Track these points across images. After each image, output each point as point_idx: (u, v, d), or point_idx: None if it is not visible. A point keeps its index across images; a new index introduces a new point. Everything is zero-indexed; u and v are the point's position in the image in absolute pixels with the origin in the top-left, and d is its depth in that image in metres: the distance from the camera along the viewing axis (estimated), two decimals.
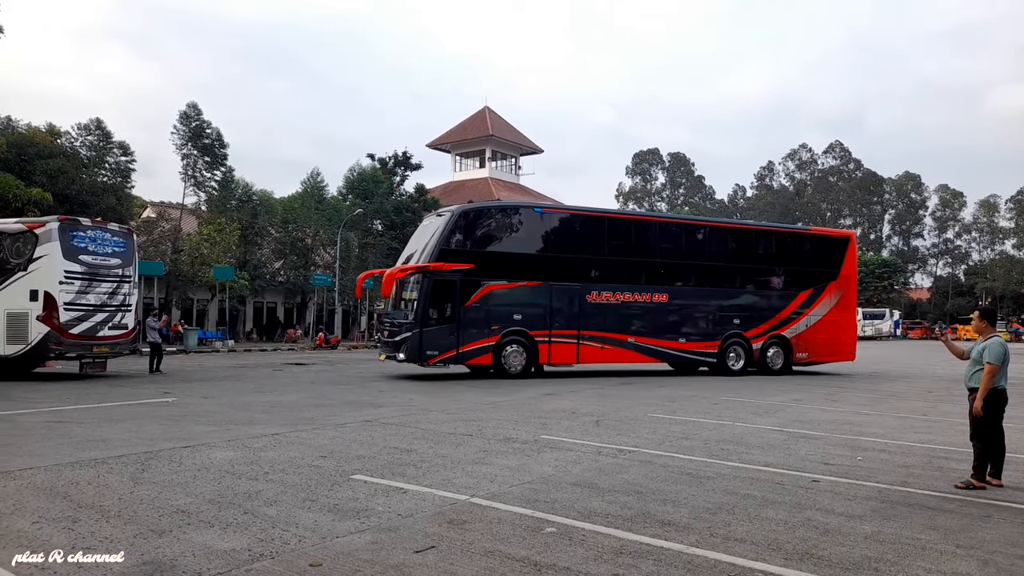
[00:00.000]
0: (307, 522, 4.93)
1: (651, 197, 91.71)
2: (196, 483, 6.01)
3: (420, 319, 15.88)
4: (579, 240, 18.09)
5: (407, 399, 12.57)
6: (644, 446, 8.07)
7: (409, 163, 44.98)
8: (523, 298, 16.95)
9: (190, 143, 34.31)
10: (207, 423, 9.53)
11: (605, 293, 17.64)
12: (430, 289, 15.94)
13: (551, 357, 17.07)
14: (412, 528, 4.83)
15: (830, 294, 20.02)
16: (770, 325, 19.29)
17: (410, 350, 15.92)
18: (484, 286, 16.42)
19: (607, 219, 19.14)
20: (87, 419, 9.88)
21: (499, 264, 16.90)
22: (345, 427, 9.26)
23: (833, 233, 24.13)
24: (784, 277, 19.79)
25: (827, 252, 20.75)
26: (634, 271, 18.29)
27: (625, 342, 17.74)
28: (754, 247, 20.13)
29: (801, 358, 19.64)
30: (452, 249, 16.30)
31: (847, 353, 20.45)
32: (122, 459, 6.98)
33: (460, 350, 16.16)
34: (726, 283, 19.29)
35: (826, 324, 19.81)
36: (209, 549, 4.34)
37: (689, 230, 20.30)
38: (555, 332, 17.01)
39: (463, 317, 16.18)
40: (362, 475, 6.37)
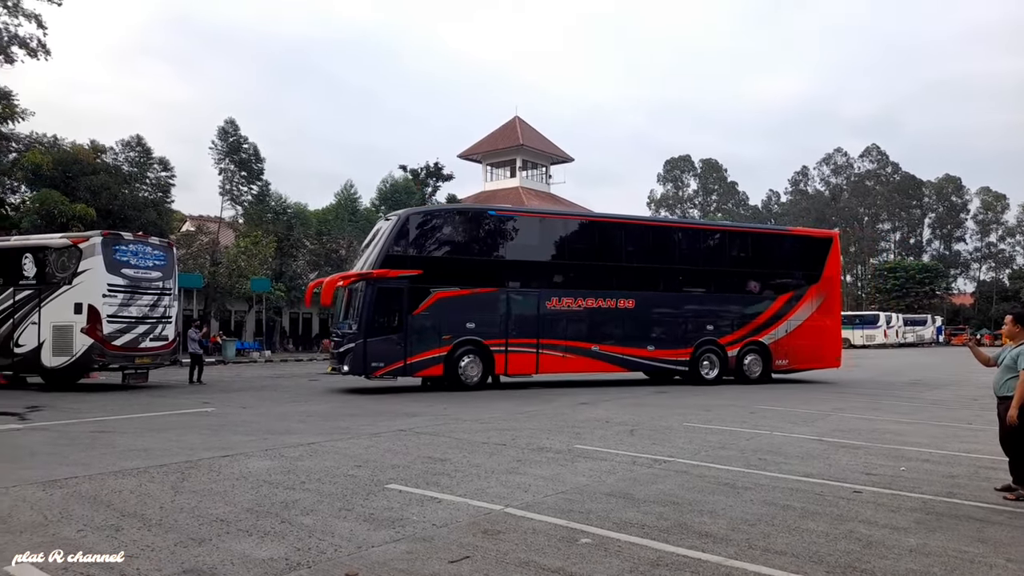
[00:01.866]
0: (343, 531, 4.97)
1: (683, 204, 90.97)
2: (234, 492, 6.10)
3: (364, 329, 15.12)
4: (537, 244, 17.28)
5: (440, 408, 12.60)
6: (679, 456, 7.98)
7: (441, 174, 45.33)
8: (477, 306, 16.06)
9: (227, 158, 35.05)
10: (245, 433, 9.68)
11: (566, 299, 16.84)
12: (374, 297, 15.18)
13: (508, 367, 16.26)
14: (447, 538, 4.84)
15: (812, 297, 19.15)
16: (747, 331, 18.41)
17: (354, 362, 15.15)
18: (434, 293, 15.58)
19: (567, 221, 18.48)
20: (130, 429, 10.10)
21: (450, 270, 16.03)
22: (379, 436, 9.32)
23: (814, 233, 22.83)
24: (761, 280, 18.91)
25: (808, 253, 19.83)
26: (597, 276, 17.42)
27: (588, 350, 16.89)
28: (728, 249, 19.31)
29: (781, 365, 18.79)
30: (398, 255, 15.49)
31: (831, 359, 19.57)
32: (163, 468, 7.11)
33: (408, 361, 15.34)
34: (698, 287, 18.42)
35: (808, 329, 18.93)
36: (247, 558, 4.39)
37: (657, 232, 19.54)
38: (512, 341, 16.19)
39: (411, 326, 15.38)
40: (397, 484, 6.40)
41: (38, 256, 16.22)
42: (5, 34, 41.33)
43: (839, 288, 20.82)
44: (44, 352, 15.80)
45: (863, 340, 52.06)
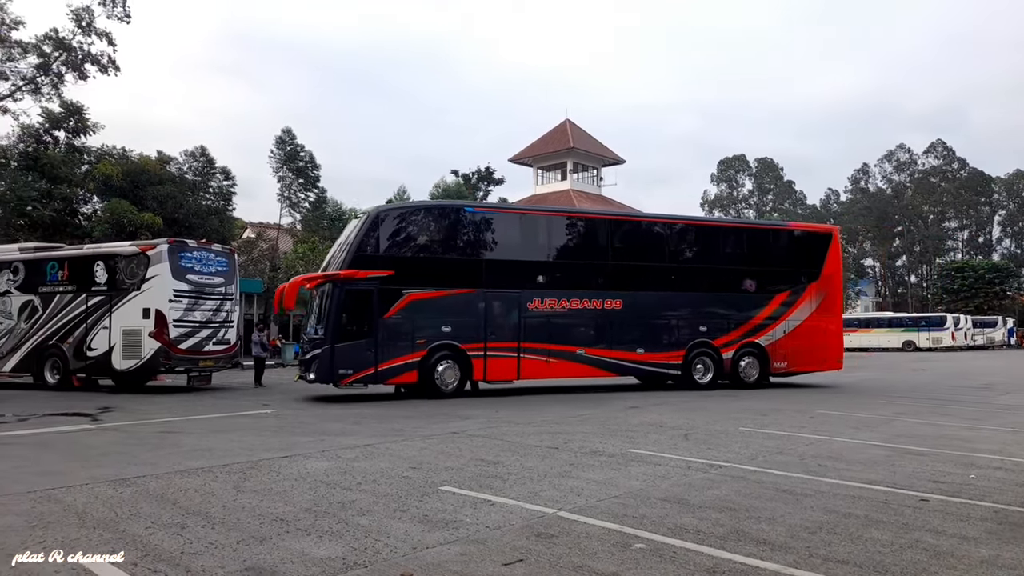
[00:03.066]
0: (398, 532, 5.04)
1: (737, 204, 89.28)
2: (293, 492, 6.25)
3: (331, 334, 14.20)
4: (519, 242, 16.43)
5: (492, 411, 12.66)
6: (736, 461, 7.83)
7: (492, 178, 45.62)
8: (453, 308, 15.14)
9: (285, 166, 36.01)
10: (302, 434, 9.91)
11: (549, 300, 15.88)
12: (342, 300, 14.28)
13: (487, 373, 15.29)
14: (500, 540, 4.86)
15: (811, 296, 18.17)
16: (742, 332, 17.47)
17: (320, 369, 14.27)
18: (406, 295, 14.64)
19: (550, 218, 17.53)
20: (194, 430, 10.46)
21: (424, 270, 15.11)
22: (433, 439, 9.42)
23: (813, 228, 21.53)
24: (757, 278, 17.86)
25: (807, 250, 18.82)
26: (583, 275, 16.53)
27: (574, 354, 15.97)
28: (721, 246, 18.30)
29: (779, 368, 17.86)
30: (368, 255, 14.61)
31: (832, 361, 18.61)
32: (226, 468, 7.34)
33: (379, 368, 14.38)
34: (690, 286, 17.38)
35: (807, 329, 17.98)
36: (306, 556, 4.50)
37: (645, 228, 18.39)
38: (491, 345, 15.23)
39: (382, 331, 14.45)
40: (450, 487, 6.46)
41: (109, 263, 16.96)
42: (79, 52, 43.35)
43: (840, 286, 19.79)
44: (115, 355, 16.50)
45: (929, 343, 50.13)
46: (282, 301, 15.49)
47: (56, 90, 42.80)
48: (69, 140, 30.96)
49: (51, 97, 41.67)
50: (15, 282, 18.20)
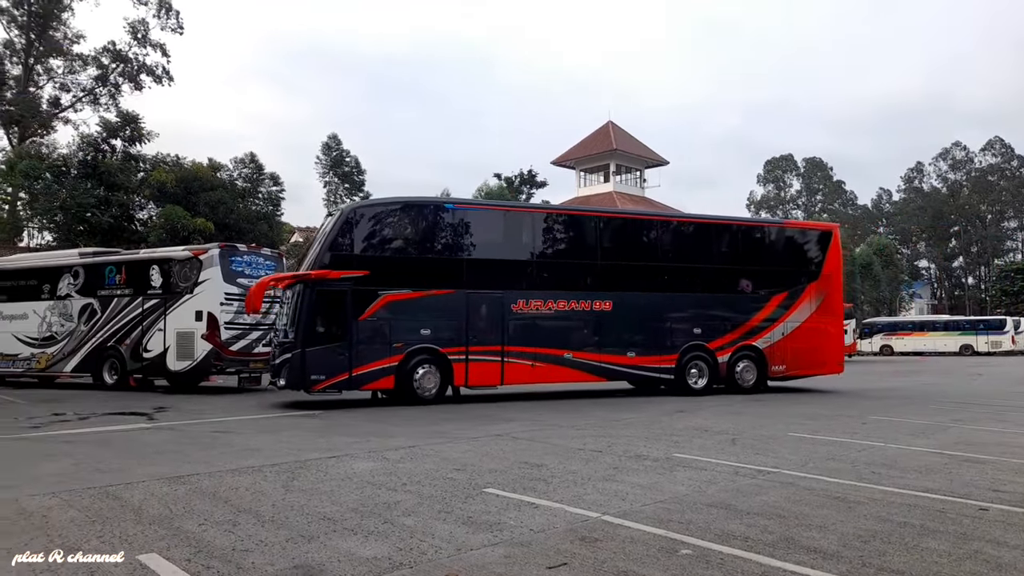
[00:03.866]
0: (443, 533, 5.08)
1: (785, 205, 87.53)
2: (340, 492, 6.35)
3: (302, 338, 13.52)
4: (502, 240, 15.77)
5: (536, 414, 12.65)
6: (785, 467, 7.67)
7: (534, 181, 45.65)
8: (432, 309, 14.46)
9: (331, 171, 36.65)
10: (348, 435, 10.06)
11: (534, 301, 15.18)
12: (313, 301, 13.63)
13: (469, 378, 14.66)
14: (544, 544, 4.85)
15: (810, 296, 17.50)
16: (738, 334, 16.79)
17: (291, 374, 13.62)
18: (382, 296, 13.97)
19: (535, 215, 16.67)
20: (244, 430, 10.71)
21: (401, 270, 14.48)
22: (477, 441, 9.46)
23: (812, 226, 20.34)
24: (754, 278, 17.25)
25: (805, 248, 18.14)
26: (570, 275, 15.90)
27: (561, 358, 15.29)
28: (716, 244, 17.56)
29: (778, 371, 17.15)
30: (342, 254, 13.99)
31: (833, 364, 17.98)
32: (275, 467, 7.49)
33: (353, 373, 13.68)
34: (684, 287, 16.75)
35: (806, 331, 17.30)
36: (353, 556, 4.56)
37: (636, 226, 17.59)
38: (473, 348, 14.57)
39: (356, 334, 13.76)
40: (494, 489, 6.48)
41: (163, 267, 17.51)
42: (135, 63, 44.86)
43: (841, 286, 18.93)
44: (169, 357, 17.01)
45: (988, 347, 48.34)
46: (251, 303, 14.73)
47: (113, 100, 44.45)
48: (125, 148, 32.06)
49: (108, 107, 43.25)
50: (75, 286, 18.92)
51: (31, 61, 43.82)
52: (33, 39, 43.27)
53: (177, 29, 44.01)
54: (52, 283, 19.33)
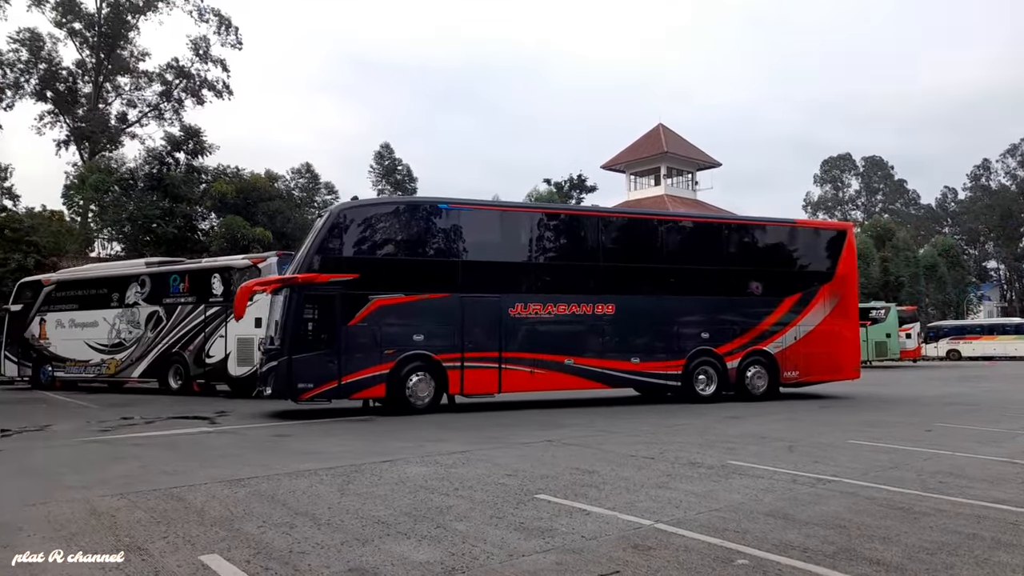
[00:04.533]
0: (495, 539, 5.09)
1: (843, 206, 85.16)
2: (394, 496, 6.44)
3: (289, 344, 12.98)
4: (499, 241, 15.14)
5: (588, 420, 12.59)
6: (845, 475, 7.44)
7: (584, 185, 45.49)
8: (426, 314, 13.86)
9: (384, 179, 37.29)
10: (402, 439, 10.19)
11: (533, 306, 14.53)
12: (300, 306, 13.11)
13: (464, 386, 13.99)
14: (596, 551, 4.82)
15: (824, 299, 16.73)
16: (748, 338, 16.07)
17: (277, 382, 13.05)
18: (373, 300, 13.40)
19: (534, 215, 15.82)
20: (302, 434, 10.96)
21: (393, 273, 13.86)
22: (528, 446, 9.46)
23: (824, 225, 19.20)
24: (764, 280, 16.48)
25: (818, 249, 17.37)
26: (571, 278, 15.19)
27: (562, 364, 14.62)
28: (724, 245, 16.70)
29: (790, 378, 16.47)
30: (330, 256, 13.49)
31: (849, 369, 17.16)
32: (331, 471, 7.64)
33: (343, 381, 13.13)
34: (690, 289, 15.99)
35: (820, 335, 16.53)
36: (406, 560, 4.62)
37: (640, 227, 16.87)
38: (469, 355, 13.95)
39: (346, 340, 13.19)
40: (546, 495, 6.47)
41: (224, 275, 18.08)
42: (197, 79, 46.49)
43: (856, 287, 17.95)
44: (230, 362, 17.55)
45: None
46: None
47: (177, 115, 46.21)
48: (188, 161, 33.30)
49: (172, 121, 44.95)
50: (142, 294, 19.69)
51: (100, 79, 45.91)
52: (102, 58, 45.33)
53: (236, 45, 45.60)
54: (121, 292, 20.17)
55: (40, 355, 21.54)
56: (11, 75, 43.09)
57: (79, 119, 44.70)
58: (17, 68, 43.02)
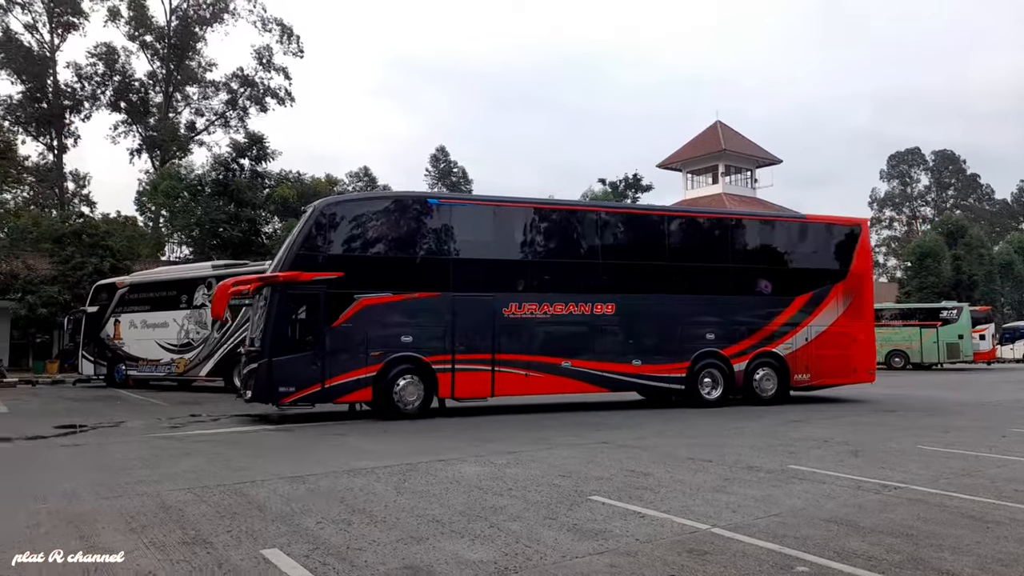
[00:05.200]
0: (548, 539, 5.09)
1: (912, 202, 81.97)
2: (448, 495, 6.50)
3: (269, 346, 12.47)
4: (492, 238, 14.48)
5: (640, 421, 12.45)
6: (914, 482, 7.16)
7: (639, 184, 45.11)
8: (414, 314, 13.28)
9: (440, 182, 37.73)
10: (455, 439, 10.30)
11: (528, 305, 13.88)
12: (281, 306, 12.60)
13: (456, 389, 13.39)
14: (651, 554, 4.76)
15: (837, 298, 16.01)
16: (756, 340, 15.37)
17: (257, 385, 12.58)
18: (358, 300, 12.81)
19: (529, 211, 14.99)
20: (358, 433, 11.19)
21: (380, 271, 13.30)
22: (581, 447, 9.42)
23: (836, 221, 18.13)
24: (774, 278, 15.86)
25: (830, 246, 16.63)
26: (567, 276, 14.52)
27: (558, 367, 13.96)
28: (731, 242, 16.00)
29: (801, 380, 15.74)
30: (314, 254, 12.93)
31: (863, 372, 16.34)
32: (387, 469, 7.77)
33: (327, 384, 12.56)
34: (695, 288, 15.32)
35: (833, 336, 15.80)
36: (460, 559, 4.66)
37: (641, 223, 16.12)
38: (460, 357, 13.32)
39: (330, 341, 12.64)
40: (600, 496, 6.43)
41: None
42: (260, 87, 47.89)
43: (871, 286, 17.13)
44: None
45: None
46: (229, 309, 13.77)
47: (241, 122, 47.71)
48: (252, 167, 34.38)
49: (237, 129, 46.41)
50: (209, 296, 20.39)
51: (171, 89, 47.80)
52: (172, 69, 47.18)
53: (298, 53, 46.86)
54: (189, 294, 20.96)
55: (115, 354, 22.55)
56: (88, 87, 45.31)
57: (151, 128, 46.65)
58: (94, 81, 45.20)
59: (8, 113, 42.72)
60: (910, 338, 31.12)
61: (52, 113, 44.50)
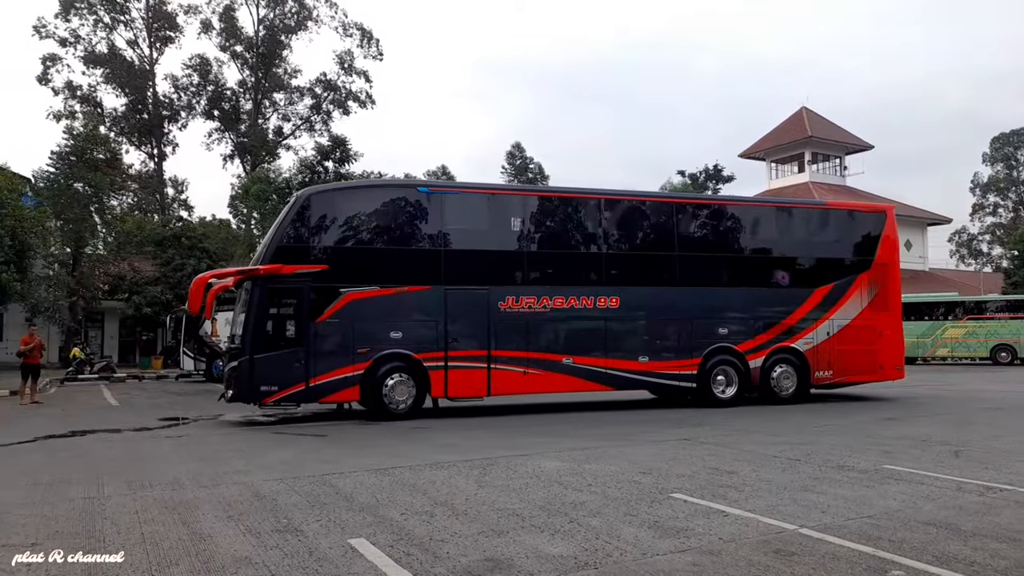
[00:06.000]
0: (628, 536, 5.06)
1: (1018, 186, 76.51)
2: (528, 490, 6.55)
3: (250, 343, 12.00)
4: (487, 228, 13.70)
5: (723, 418, 12.17)
6: (1022, 484, 6.72)
7: (720, 175, 43.95)
8: (404, 309, 12.71)
9: (516, 178, 37.91)
10: (534, 434, 10.36)
11: (527, 298, 13.18)
12: (263, 301, 12.10)
13: (449, 388, 12.77)
14: (735, 554, 4.66)
15: (861, 289, 15.01)
16: (773, 334, 14.51)
17: (238, 385, 12.10)
18: (344, 294, 12.27)
19: (527, 199, 14.46)
20: (439, 428, 11.44)
21: (367, 264, 12.66)
22: (663, 444, 9.31)
23: (861, 207, 16.77)
24: (792, 269, 14.98)
25: (855, 234, 15.57)
26: (568, 267, 13.88)
27: (559, 364, 13.26)
28: (746, 230, 15.16)
29: (822, 378, 14.82)
30: (297, 246, 12.38)
31: (890, 368, 15.25)
32: (468, 463, 7.89)
33: (311, 383, 12.02)
34: (705, 280, 14.50)
35: (857, 330, 14.82)
36: (540, 553, 4.69)
37: (649, 210, 15.09)
38: (454, 354, 12.70)
39: (315, 338, 12.12)
40: (682, 494, 6.34)
41: None
42: (343, 91, 49.34)
43: (898, 277, 16.04)
44: None
45: None
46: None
47: (325, 126, 49.28)
48: (336, 169, 35.49)
49: (321, 132, 47.99)
50: None
51: (259, 96, 49.88)
52: (260, 77, 49.21)
53: (378, 56, 48.03)
54: None
55: (212, 351, 23.74)
56: (184, 98, 47.88)
57: (241, 134, 48.86)
58: (190, 91, 47.72)
59: (113, 124, 45.60)
60: (1018, 331, 29.14)
61: (152, 123, 47.20)
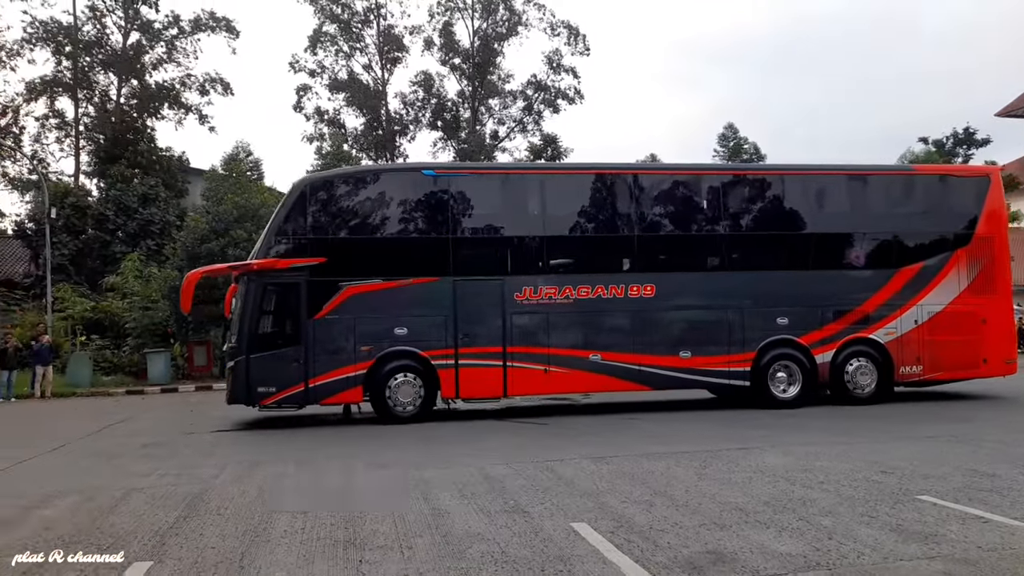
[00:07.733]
0: (865, 538, 4.71)
1: None
2: (751, 484, 6.33)
3: (246, 342, 11.30)
4: (501, 211, 12.34)
5: (991, 415, 10.72)
6: None
7: (972, 139, 38.45)
8: (410, 303, 11.62)
9: (731, 160, 36.35)
10: (754, 427, 9.96)
11: (547, 289, 11.80)
12: (259, 298, 11.42)
13: (461, 388, 11.61)
14: (996, 565, 4.15)
15: (959, 268, 12.55)
16: (846, 324, 12.34)
17: (235, 385, 11.44)
18: (344, 288, 11.41)
19: (544, 177, 12.99)
20: (651, 418, 11.45)
21: (368, 255, 11.84)
22: (909, 441, 8.48)
23: (957, 171, 13.42)
24: (868, 247, 12.73)
25: (950, 202, 12.99)
26: (595, 253, 12.41)
27: (585, 361, 11.75)
28: (811, 202, 12.88)
29: (910, 374, 12.46)
30: (292, 238, 11.63)
31: (997, 362, 12.57)
32: (686, 455, 7.81)
33: (310, 384, 11.24)
34: (759, 262, 12.52)
35: (953, 317, 12.45)
36: (765, 549, 4.54)
37: (687, 185, 12.90)
38: (465, 351, 11.56)
39: (313, 336, 11.32)
40: (930, 496, 5.75)
41: None
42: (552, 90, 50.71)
43: (1006, 253, 12.96)
44: None
45: None
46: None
47: (537, 125, 50.93)
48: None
49: (534, 132, 49.68)
50: None
51: (476, 104, 52.89)
52: (477, 86, 52.15)
53: (584, 52, 48.61)
54: None
55: None
56: (411, 112, 52.22)
57: (462, 141, 52.17)
58: (416, 106, 51.95)
59: (355, 142, 51.00)
60: None
61: (385, 138, 52.03)
